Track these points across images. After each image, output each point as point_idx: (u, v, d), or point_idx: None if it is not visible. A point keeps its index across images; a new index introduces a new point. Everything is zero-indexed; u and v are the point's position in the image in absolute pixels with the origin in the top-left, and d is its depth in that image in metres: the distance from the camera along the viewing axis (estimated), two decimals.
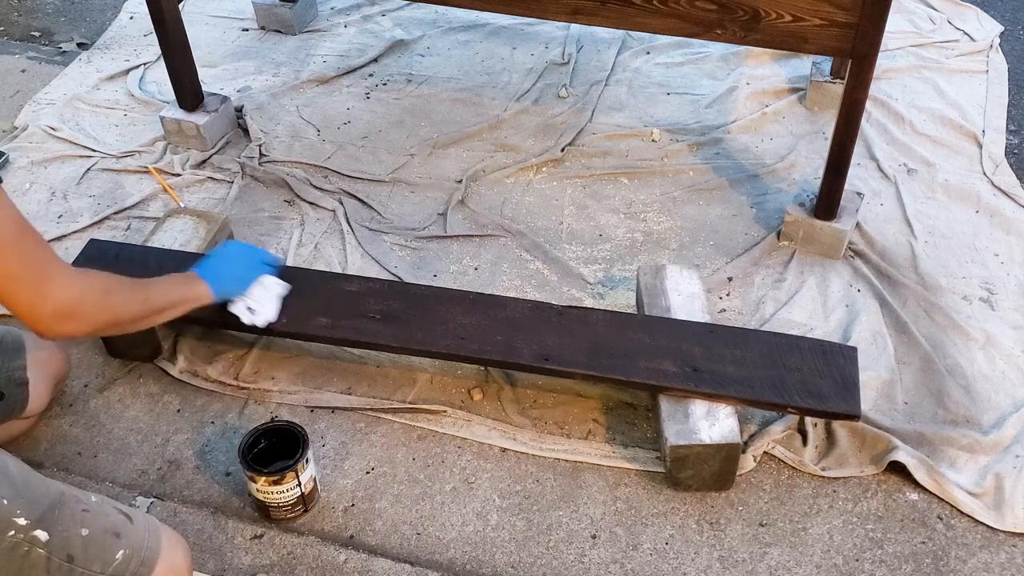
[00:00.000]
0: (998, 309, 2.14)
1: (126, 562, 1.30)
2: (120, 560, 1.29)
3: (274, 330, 1.89)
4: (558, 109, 2.77)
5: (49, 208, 2.45)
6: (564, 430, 1.91)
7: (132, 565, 1.30)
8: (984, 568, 1.68)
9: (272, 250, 2.32)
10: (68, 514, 1.27)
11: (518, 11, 2.12)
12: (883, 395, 1.95)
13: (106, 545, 1.29)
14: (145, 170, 2.57)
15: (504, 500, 1.80)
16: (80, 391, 2.00)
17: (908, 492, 1.80)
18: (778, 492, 1.80)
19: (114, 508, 1.35)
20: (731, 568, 1.69)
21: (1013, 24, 3.11)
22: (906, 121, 2.68)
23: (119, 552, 1.29)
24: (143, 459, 1.88)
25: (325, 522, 1.76)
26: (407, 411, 1.94)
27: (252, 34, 3.16)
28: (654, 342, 1.86)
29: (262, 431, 1.74)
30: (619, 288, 2.21)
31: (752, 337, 1.89)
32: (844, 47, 1.92)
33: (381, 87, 2.89)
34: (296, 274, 2.02)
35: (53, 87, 2.91)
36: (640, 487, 1.82)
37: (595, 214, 2.42)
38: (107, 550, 1.28)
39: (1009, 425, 1.88)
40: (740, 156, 2.59)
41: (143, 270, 2.00)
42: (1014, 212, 2.39)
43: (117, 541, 1.30)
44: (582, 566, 1.70)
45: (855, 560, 1.70)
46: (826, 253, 2.26)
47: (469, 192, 2.49)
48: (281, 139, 2.68)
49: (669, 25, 2.01)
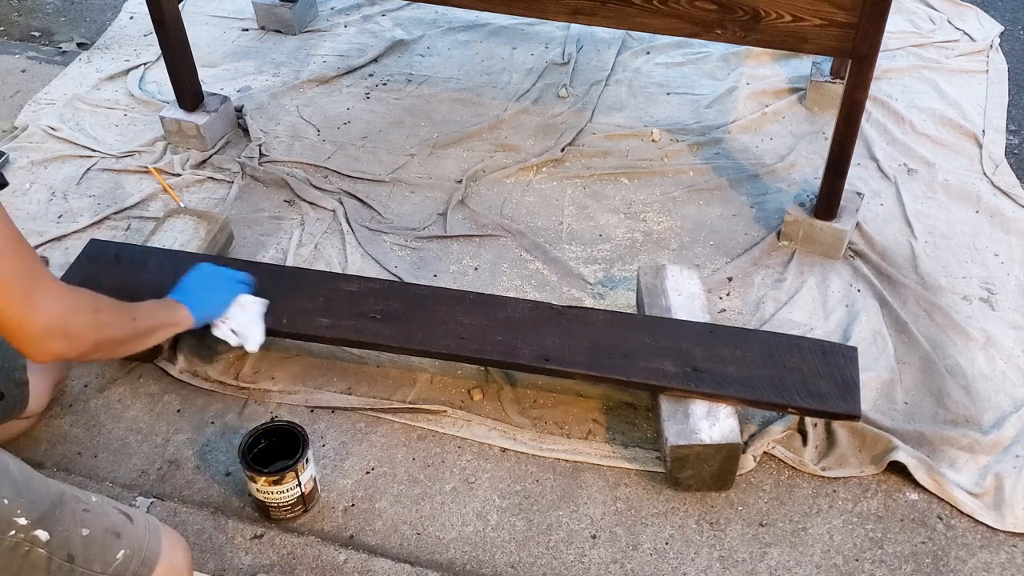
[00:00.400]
0: (998, 309, 2.14)
1: (126, 562, 1.30)
2: (120, 560, 1.29)
3: (274, 330, 1.89)
4: (558, 109, 2.77)
5: (49, 208, 2.45)
6: (564, 430, 1.91)
7: (132, 565, 1.30)
8: (984, 568, 1.68)
9: (272, 250, 2.32)
10: (69, 514, 1.27)
11: (518, 11, 2.12)
12: (883, 395, 1.95)
13: (106, 545, 1.29)
14: (145, 170, 2.57)
15: (504, 500, 1.80)
16: (80, 391, 2.00)
17: (908, 492, 1.80)
18: (778, 492, 1.80)
19: (114, 508, 1.35)
20: (731, 568, 1.69)
21: (1013, 24, 3.11)
22: (906, 121, 2.68)
23: (120, 552, 1.29)
24: (143, 459, 1.88)
25: (325, 522, 1.76)
26: (407, 411, 1.94)
27: (252, 34, 3.16)
28: (654, 342, 1.86)
29: (262, 431, 1.74)
30: (619, 288, 2.21)
31: (752, 337, 1.89)
32: (844, 47, 1.92)
33: (381, 87, 2.89)
34: (296, 274, 2.03)
35: (53, 87, 2.91)
36: (640, 487, 1.82)
37: (595, 214, 2.42)
38: (107, 550, 1.28)
39: (1009, 425, 1.88)
40: (740, 156, 2.59)
41: (143, 270, 2.02)
42: (1014, 212, 2.39)
43: (118, 541, 1.30)
44: (582, 566, 1.70)
45: (855, 560, 1.70)
46: (826, 253, 2.26)
47: (469, 192, 2.49)
48: (281, 139, 2.68)
49: (669, 25, 2.01)
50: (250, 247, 2.32)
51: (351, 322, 1.92)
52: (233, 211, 2.42)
